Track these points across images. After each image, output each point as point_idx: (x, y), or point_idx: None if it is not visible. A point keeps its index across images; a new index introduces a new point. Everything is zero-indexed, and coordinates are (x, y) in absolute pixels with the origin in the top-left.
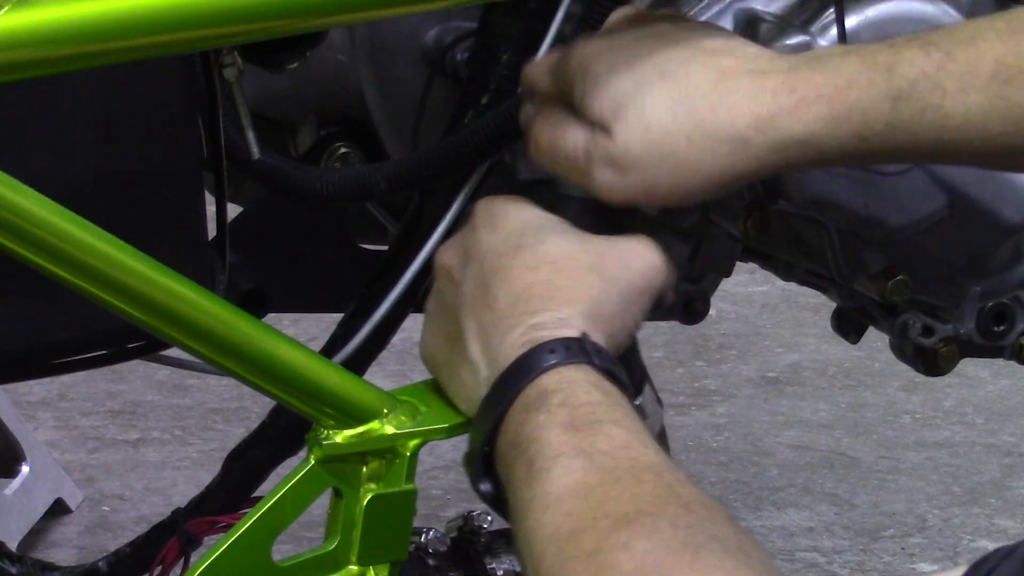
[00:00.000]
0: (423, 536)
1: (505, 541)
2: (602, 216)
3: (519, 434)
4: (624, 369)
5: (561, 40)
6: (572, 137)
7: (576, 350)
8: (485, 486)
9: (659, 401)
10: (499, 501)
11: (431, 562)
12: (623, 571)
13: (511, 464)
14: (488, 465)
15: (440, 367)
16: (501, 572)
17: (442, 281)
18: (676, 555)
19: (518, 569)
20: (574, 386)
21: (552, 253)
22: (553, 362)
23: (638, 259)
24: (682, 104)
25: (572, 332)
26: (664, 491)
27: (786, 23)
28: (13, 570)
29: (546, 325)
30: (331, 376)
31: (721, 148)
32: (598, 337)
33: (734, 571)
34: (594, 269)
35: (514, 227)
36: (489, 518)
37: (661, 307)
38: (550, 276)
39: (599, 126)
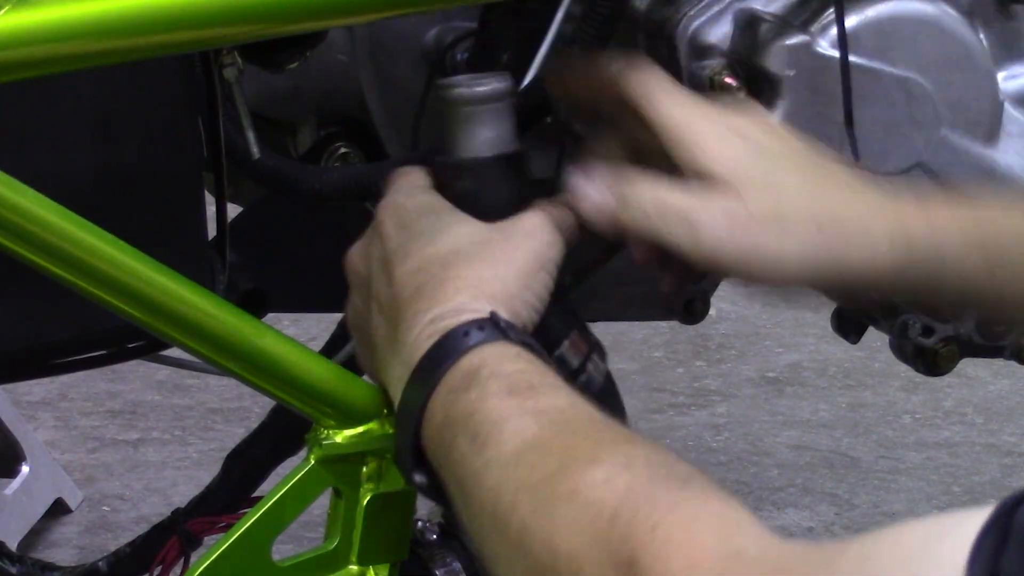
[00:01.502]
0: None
1: None
2: (506, 179)
3: (451, 414)
4: (551, 325)
5: (561, 40)
6: (679, 193)
7: (490, 329)
8: (420, 477)
9: (599, 349)
10: (435, 489)
11: (424, 552)
12: (610, 506)
13: (448, 444)
14: (418, 455)
15: (373, 373)
16: None
17: (353, 287)
18: (663, 484)
19: None
20: (498, 359)
21: (440, 252)
22: (470, 344)
23: (528, 238)
24: (818, 194)
25: (477, 314)
26: (625, 437)
27: (786, 23)
28: (13, 570)
29: (446, 315)
30: (331, 376)
31: (848, 241)
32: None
33: (727, 500)
34: (483, 257)
35: (405, 228)
36: None
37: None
38: (438, 272)
39: (719, 185)
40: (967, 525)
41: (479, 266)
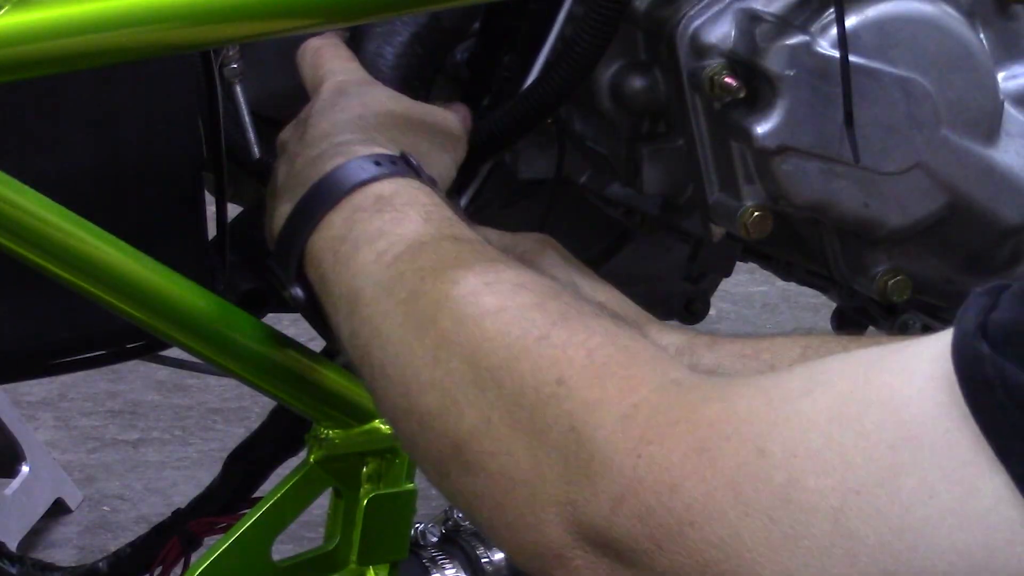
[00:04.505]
0: (414, 530)
1: None
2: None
3: (355, 231)
4: None
5: (562, 41)
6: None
7: (401, 164)
8: (296, 291)
9: None
10: (309, 305)
11: (424, 554)
12: (540, 326)
13: (345, 256)
14: (298, 268)
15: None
16: (497, 557)
17: (278, 158)
18: (595, 318)
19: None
20: (414, 192)
21: (365, 104)
22: (384, 172)
23: (441, 115)
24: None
25: (387, 150)
26: (541, 274)
27: (786, 23)
28: (13, 570)
29: (356, 142)
30: (331, 376)
31: None
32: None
33: (652, 345)
34: (401, 113)
35: (335, 88)
36: None
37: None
38: (360, 112)
39: None
40: (927, 343)
41: (398, 119)
